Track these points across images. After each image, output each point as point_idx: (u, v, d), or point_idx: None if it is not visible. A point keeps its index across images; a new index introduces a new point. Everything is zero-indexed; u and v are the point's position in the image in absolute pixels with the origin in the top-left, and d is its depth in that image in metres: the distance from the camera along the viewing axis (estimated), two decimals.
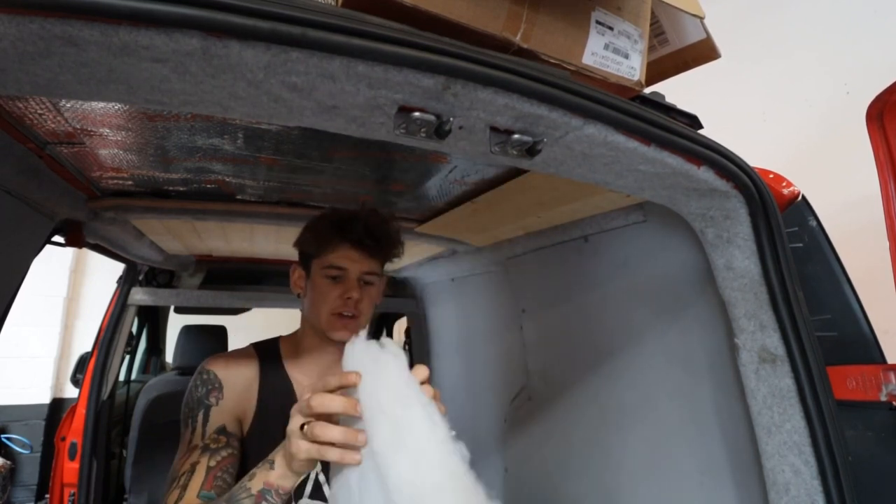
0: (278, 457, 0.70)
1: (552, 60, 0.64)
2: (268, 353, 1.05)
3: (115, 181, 1.16)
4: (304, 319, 1.06)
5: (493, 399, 1.76)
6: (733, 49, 1.02)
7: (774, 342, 0.80)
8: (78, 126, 0.84)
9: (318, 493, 0.98)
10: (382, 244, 1.01)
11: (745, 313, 0.84)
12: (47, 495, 2.37)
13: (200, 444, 0.89)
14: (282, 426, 0.96)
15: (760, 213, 0.79)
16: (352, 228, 0.98)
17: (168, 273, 2.20)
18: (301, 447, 0.63)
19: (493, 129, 0.64)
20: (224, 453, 0.88)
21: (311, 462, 0.66)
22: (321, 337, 1.01)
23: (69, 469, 1.83)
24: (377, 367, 0.64)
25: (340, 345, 0.98)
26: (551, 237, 1.35)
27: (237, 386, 0.99)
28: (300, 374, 1.04)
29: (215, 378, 0.98)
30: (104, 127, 0.85)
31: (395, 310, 2.85)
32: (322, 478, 0.99)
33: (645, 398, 1.12)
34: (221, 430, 0.92)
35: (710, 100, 1.44)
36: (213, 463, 0.85)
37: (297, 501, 0.96)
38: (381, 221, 1.01)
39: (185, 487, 0.81)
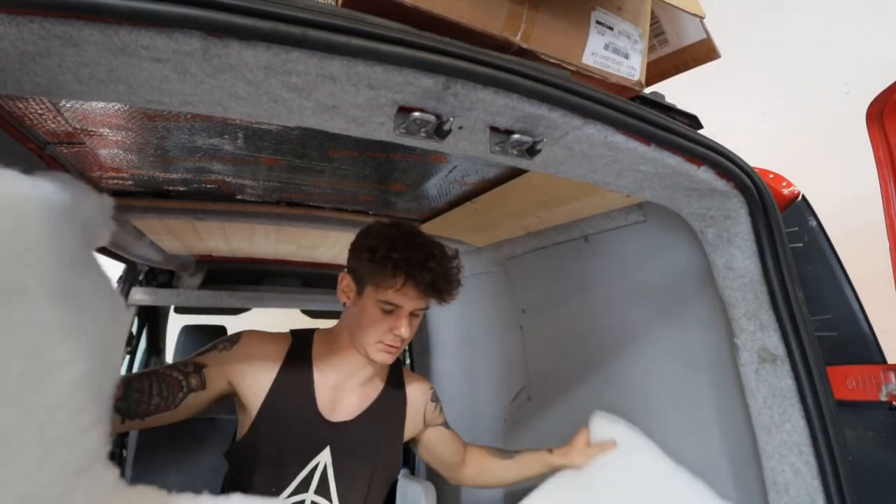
0: None
1: (552, 60, 0.64)
2: (300, 340, 1.06)
3: (115, 181, 1.16)
4: (344, 325, 1.05)
5: (493, 399, 1.76)
6: (733, 49, 1.02)
7: (774, 342, 0.80)
8: (78, 126, 0.84)
9: (323, 488, 0.99)
10: (444, 292, 0.98)
11: (745, 313, 0.84)
12: None
13: (170, 364, 0.94)
14: (293, 410, 0.99)
15: (760, 213, 0.79)
16: (421, 277, 0.93)
17: (168, 273, 2.20)
18: None
19: (493, 129, 0.64)
20: (175, 375, 0.91)
21: None
22: (356, 347, 1.01)
23: None
24: None
25: (367, 359, 1.01)
26: (551, 237, 1.35)
27: (253, 356, 0.99)
28: (325, 369, 1.04)
29: (238, 338, 1.01)
30: (104, 127, 0.85)
31: None
32: (330, 473, 1.00)
33: (645, 398, 1.12)
34: (197, 364, 0.95)
35: (710, 100, 1.44)
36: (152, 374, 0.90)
37: (302, 494, 0.97)
38: (450, 269, 0.98)
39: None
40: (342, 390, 1.05)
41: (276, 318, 3.40)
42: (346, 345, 1.04)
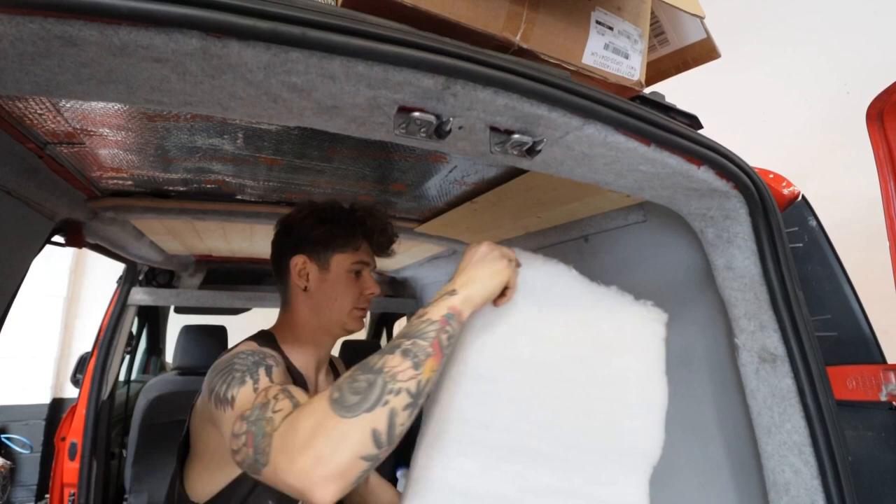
0: (459, 286, 0.72)
1: (552, 60, 0.64)
2: (270, 344, 0.99)
3: (115, 181, 1.16)
4: (306, 312, 1.02)
5: None
6: (733, 49, 1.02)
7: (774, 342, 0.80)
8: (78, 126, 0.84)
9: None
10: (390, 248, 1.11)
11: (745, 313, 0.84)
12: (47, 495, 2.37)
13: (275, 384, 0.77)
14: None
15: (760, 213, 0.79)
16: (382, 231, 1.07)
17: (168, 273, 2.20)
18: (508, 274, 0.75)
19: (493, 129, 0.64)
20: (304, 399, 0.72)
21: (494, 293, 0.74)
22: (323, 330, 1.03)
23: (69, 469, 1.83)
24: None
25: (338, 337, 1.05)
26: (551, 237, 1.35)
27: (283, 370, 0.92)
28: (303, 364, 1.01)
29: (261, 351, 0.87)
30: (104, 127, 0.85)
31: (395, 310, 2.85)
32: None
33: None
34: (286, 390, 0.74)
35: (710, 100, 1.44)
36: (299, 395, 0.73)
37: None
38: (392, 223, 1.10)
39: (292, 396, 0.69)
40: (321, 378, 1.07)
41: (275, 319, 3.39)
42: (312, 333, 1.03)
